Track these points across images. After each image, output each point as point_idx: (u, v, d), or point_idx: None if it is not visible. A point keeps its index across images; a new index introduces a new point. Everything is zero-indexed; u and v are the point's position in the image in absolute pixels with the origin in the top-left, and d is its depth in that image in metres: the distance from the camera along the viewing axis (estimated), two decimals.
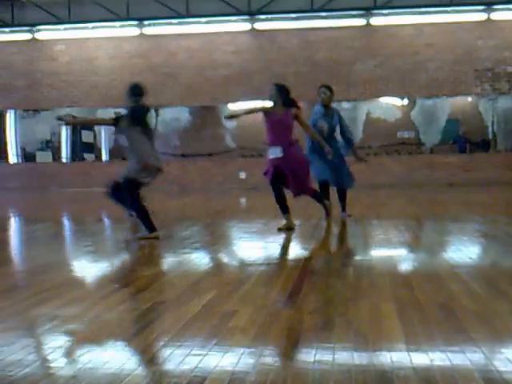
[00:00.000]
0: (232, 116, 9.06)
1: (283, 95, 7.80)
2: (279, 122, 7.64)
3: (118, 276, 5.03)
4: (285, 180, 7.60)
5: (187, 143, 21.30)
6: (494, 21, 18.61)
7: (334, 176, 8.77)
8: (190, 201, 14.28)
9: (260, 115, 7.97)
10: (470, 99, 19.95)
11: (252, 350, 2.87)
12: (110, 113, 20.46)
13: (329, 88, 9.20)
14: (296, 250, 6.37)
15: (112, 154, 22.10)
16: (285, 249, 6.43)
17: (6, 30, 20.57)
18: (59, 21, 19.92)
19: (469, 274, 4.64)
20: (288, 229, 7.47)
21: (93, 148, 22.38)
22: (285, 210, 7.63)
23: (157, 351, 2.89)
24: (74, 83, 20.33)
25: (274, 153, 7.57)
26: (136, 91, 7.52)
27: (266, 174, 7.72)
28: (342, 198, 9.02)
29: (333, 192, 8.90)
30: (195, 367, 2.65)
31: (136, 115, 7.22)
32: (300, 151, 7.83)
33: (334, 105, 9.12)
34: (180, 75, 19.87)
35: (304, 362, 2.69)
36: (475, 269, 5.02)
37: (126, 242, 7.02)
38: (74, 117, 11.04)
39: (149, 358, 2.84)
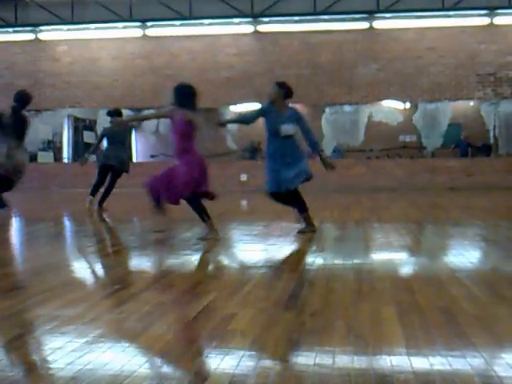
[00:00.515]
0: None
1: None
2: None
3: (119, 277, 5.02)
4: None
5: None
6: (497, 25, 18.63)
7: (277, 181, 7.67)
8: None
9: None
10: (472, 103, 19.96)
11: (252, 352, 2.87)
12: None
13: (279, 85, 8.03)
14: (296, 253, 6.36)
15: None
16: (285, 251, 6.42)
17: (10, 30, 20.62)
18: (62, 21, 19.97)
19: (470, 278, 4.63)
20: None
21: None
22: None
23: (157, 353, 2.89)
24: (77, 84, 20.36)
25: None
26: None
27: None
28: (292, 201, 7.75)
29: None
30: (195, 369, 2.64)
31: None
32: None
33: (291, 105, 8.23)
34: (182, 77, 19.73)
35: (304, 366, 2.68)
36: (476, 273, 5.01)
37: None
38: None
39: (149, 360, 2.84)
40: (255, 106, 20.31)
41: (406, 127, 19.83)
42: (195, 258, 5.84)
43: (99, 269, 5.34)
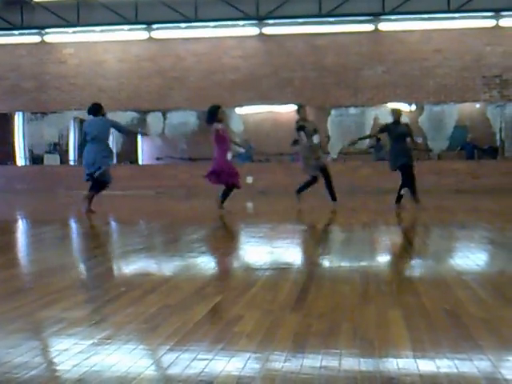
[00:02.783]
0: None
1: None
2: None
3: (125, 279, 5.03)
4: None
5: (195, 147, 21.31)
6: (503, 27, 18.59)
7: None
8: (198, 205, 14.29)
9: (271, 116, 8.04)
10: (477, 106, 19.91)
11: (258, 354, 2.87)
12: (118, 116, 20.58)
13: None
14: (303, 255, 6.36)
15: (120, 157, 22.14)
16: (292, 253, 6.43)
17: (16, 32, 20.64)
18: (68, 24, 19.99)
19: (476, 281, 4.63)
20: None
21: None
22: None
23: (163, 355, 2.89)
24: (83, 86, 20.40)
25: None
26: None
27: None
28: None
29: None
30: (201, 372, 2.65)
31: None
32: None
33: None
34: (188, 79, 19.91)
35: (310, 368, 2.68)
36: (482, 276, 5.00)
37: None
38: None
39: (155, 362, 2.84)
40: (261, 108, 20.40)
41: (412, 130, 19.75)
42: (201, 260, 5.84)
43: (105, 271, 5.34)
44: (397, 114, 11.92)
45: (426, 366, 2.70)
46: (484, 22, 18.63)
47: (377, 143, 19.28)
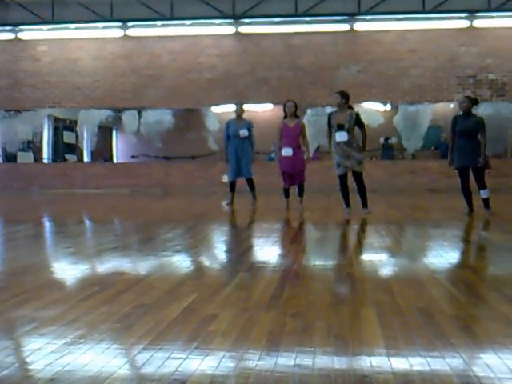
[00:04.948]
0: None
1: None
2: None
3: (98, 278, 5.00)
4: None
5: (170, 146, 21.26)
6: (477, 28, 18.77)
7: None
8: (173, 203, 14.25)
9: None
10: (452, 106, 20.08)
11: (232, 353, 2.87)
12: (92, 113, 20.45)
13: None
14: (277, 254, 6.37)
15: (94, 155, 22.01)
16: (266, 252, 6.43)
17: None
18: (42, 21, 19.81)
19: (449, 279, 4.67)
20: None
21: (75, 149, 22.26)
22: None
23: (136, 354, 2.88)
24: (57, 84, 20.22)
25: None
26: None
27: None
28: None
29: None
30: (175, 370, 2.64)
31: None
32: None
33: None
34: (163, 77, 19.84)
35: (284, 366, 2.69)
36: (455, 274, 5.05)
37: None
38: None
39: (128, 361, 2.83)
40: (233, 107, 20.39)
41: (387, 129, 19.91)
42: (176, 259, 5.83)
43: (79, 270, 5.31)
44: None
45: (399, 363, 2.72)
46: (458, 22, 18.80)
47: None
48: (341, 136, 9.64)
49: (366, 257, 6.16)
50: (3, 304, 3.91)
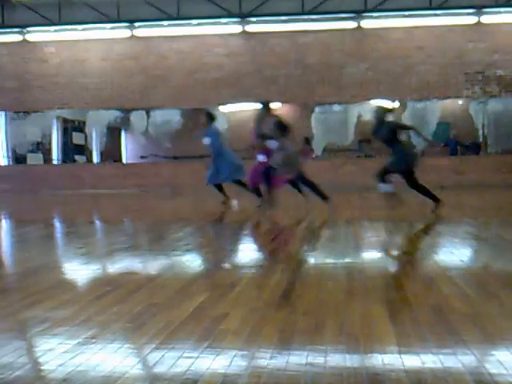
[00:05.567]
0: None
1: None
2: None
3: (110, 278, 5.01)
4: None
5: (179, 145, 21.28)
6: (484, 24, 18.71)
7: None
8: (182, 203, 14.26)
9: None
10: (460, 102, 20.04)
11: (244, 352, 2.87)
12: (101, 114, 20.50)
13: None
14: (288, 252, 6.37)
15: (103, 155, 22.07)
16: (277, 250, 6.43)
17: None
18: (50, 22, 19.88)
19: (460, 276, 4.65)
20: None
21: (84, 150, 22.33)
22: None
23: (148, 354, 2.88)
24: (65, 85, 20.29)
25: None
26: None
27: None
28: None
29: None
30: (187, 370, 2.64)
31: None
32: None
33: None
34: (171, 77, 19.86)
35: (296, 365, 2.68)
36: (466, 271, 5.03)
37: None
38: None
39: (140, 361, 2.83)
40: (244, 106, 20.40)
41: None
42: (186, 259, 5.83)
43: (90, 270, 5.32)
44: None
45: (411, 361, 2.71)
46: (466, 18, 18.75)
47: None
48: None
49: (377, 254, 6.14)
50: (16, 304, 3.92)
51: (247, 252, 6.44)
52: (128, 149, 23.67)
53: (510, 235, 7.17)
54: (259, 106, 11.02)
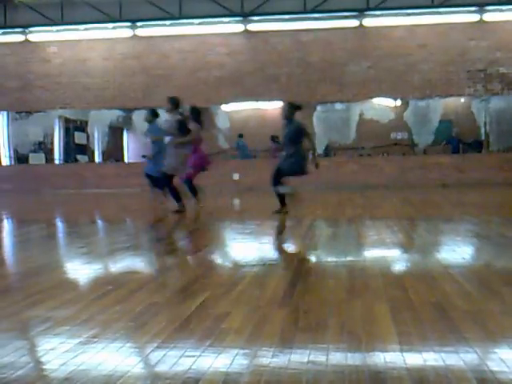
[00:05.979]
0: None
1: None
2: None
3: (111, 277, 5.02)
4: None
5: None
6: (487, 22, 18.67)
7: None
8: (184, 202, 14.23)
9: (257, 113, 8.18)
10: (462, 100, 20.00)
11: (246, 350, 2.87)
12: (103, 114, 20.52)
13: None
14: (289, 251, 6.37)
15: (105, 155, 22.08)
16: (278, 250, 6.43)
17: None
18: (52, 22, 19.89)
19: (462, 274, 4.65)
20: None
21: (86, 150, 22.33)
22: None
23: (150, 353, 2.88)
24: (67, 85, 20.29)
25: None
26: None
27: None
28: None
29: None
30: (189, 368, 2.64)
31: None
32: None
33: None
34: (173, 77, 19.86)
35: (298, 363, 2.69)
36: (468, 269, 5.03)
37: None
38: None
39: (142, 360, 2.84)
40: (247, 104, 20.41)
41: (398, 124, 19.87)
42: (188, 258, 5.83)
43: (92, 270, 5.33)
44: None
45: (413, 359, 2.71)
46: (468, 16, 18.71)
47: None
48: None
49: (379, 253, 6.14)
50: (18, 304, 3.93)
51: (249, 251, 6.43)
52: (130, 148, 23.67)
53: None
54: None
